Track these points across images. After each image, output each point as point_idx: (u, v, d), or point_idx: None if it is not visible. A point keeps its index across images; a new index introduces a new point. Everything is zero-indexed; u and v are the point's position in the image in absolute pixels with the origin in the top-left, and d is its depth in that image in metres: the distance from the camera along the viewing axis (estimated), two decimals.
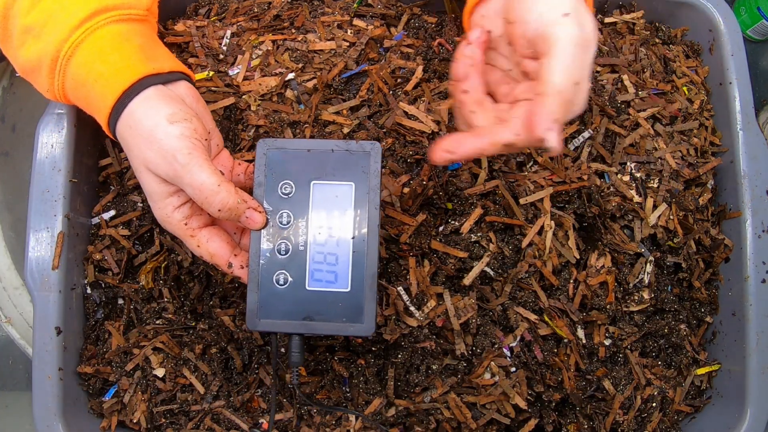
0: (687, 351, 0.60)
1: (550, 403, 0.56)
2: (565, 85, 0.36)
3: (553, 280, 0.56)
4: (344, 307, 0.45)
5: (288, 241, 0.45)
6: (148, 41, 0.48)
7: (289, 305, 0.45)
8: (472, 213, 0.56)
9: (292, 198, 0.46)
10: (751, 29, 0.82)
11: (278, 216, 0.45)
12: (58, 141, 0.55)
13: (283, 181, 0.46)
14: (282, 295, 0.45)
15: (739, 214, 0.60)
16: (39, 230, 0.54)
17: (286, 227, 0.45)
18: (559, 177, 0.58)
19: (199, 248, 0.46)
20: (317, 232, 0.45)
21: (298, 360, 0.46)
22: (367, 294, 0.45)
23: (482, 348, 0.55)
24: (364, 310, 0.45)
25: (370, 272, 0.45)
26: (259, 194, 0.46)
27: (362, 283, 0.45)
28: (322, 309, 0.45)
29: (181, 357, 0.56)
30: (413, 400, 0.54)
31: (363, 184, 0.45)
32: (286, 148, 0.46)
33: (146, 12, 0.49)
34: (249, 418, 0.55)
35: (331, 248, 0.45)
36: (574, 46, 0.36)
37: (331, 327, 0.45)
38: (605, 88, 0.62)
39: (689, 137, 0.63)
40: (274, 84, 0.58)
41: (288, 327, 0.45)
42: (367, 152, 0.46)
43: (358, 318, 0.45)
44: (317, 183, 0.46)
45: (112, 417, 0.55)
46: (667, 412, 0.59)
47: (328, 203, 0.45)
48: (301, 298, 0.45)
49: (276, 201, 0.46)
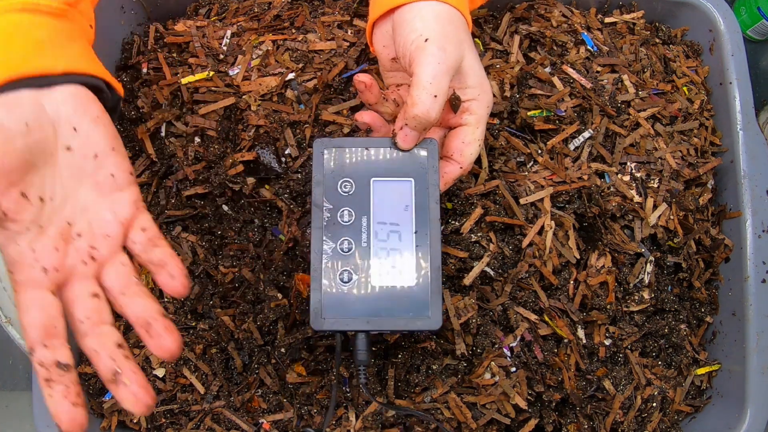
0: (687, 351, 0.60)
1: (550, 403, 0.56)
2: (422, 98, 0.42)
3: (553, 280, 0.56)
4: (410, 301, 0.45)
5: (350, 238, 0.45)
6: (57, 38, 0.39)
7: (354, 303, 0.45)
8: (473, 213, 0.56)
9: (353, 195, 0.46)
10: (751, 29, 0.82)
11: (339, 214, 0.46)
12: None
13: (343, 179, 0.46)
14: (346, 293, 0.45)
15: (739, 214, 0.60)
16: None
17: (348, 225, 0.46)
18: (560, 177, 0.58)
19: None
20: (379, 228, 0.45)
21: (364, 358, 0.46)
22: (432, 287, 0.45)
23: (482, 348, 0.55)
24: (430, 303, 0.44)
25: (435, 265, 0.45)
26: (318, 193, 0.46)
27: (427, 277, 0.45)
28: (387, 305, 0.45)
29: (181, 357, 0.56)
30: (413, 400, 0.54)
31: (422, 179, 0.46)
32: (344, 147, 0.47)
33: (65, 6, 0.40)
34: (249, 418, 0.55)
35: (393, 244, 0.45)
36: (434, 65, 0.42)
37: (398, 323, 0.45)
38: (605, 88, 0.62)
39: (689, 137, 0.63)
40: (274, 84, 0.58)
41: (354, 324, 0.45)
42: (424, 149, 0.46)
43: (425, 312, 0.44)
44: (377, 180, 0.46)
45: (112, 417, 0.55)
46: (667, 412, 0.59)
47: (389, 199, 0.46)
48: (365, 295, 0.45)
49: (336, 199, 0.46)
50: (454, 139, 0.47)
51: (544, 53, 0.63)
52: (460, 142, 0.47)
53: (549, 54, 0.63)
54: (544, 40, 0.63)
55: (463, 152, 0.47)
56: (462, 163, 0.47)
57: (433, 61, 0.42)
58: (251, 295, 0.56)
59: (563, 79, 0.61)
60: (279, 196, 0.57)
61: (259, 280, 0.56)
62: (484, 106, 0.47)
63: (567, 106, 0.60)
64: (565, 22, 0.65)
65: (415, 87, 0.42)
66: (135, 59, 0.61)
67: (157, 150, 0.59)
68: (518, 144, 0.59)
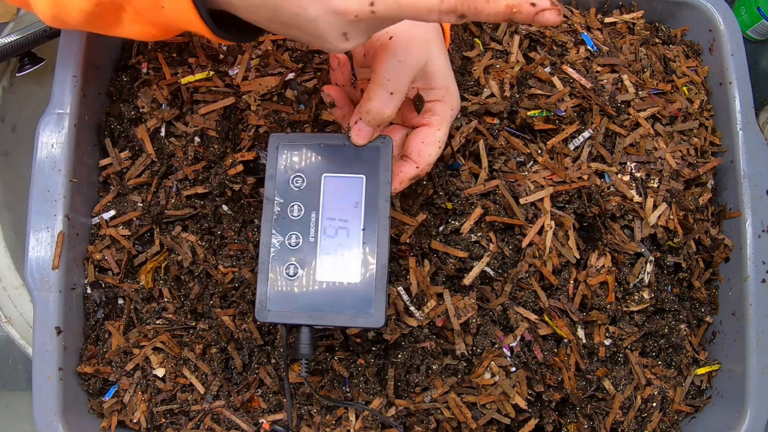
0: (687, 351, 0.60)
1: (550, 403, 0.56)
2: (378, 94, 0.42)
3: (553, 280, 0.56)
4: (354, 299, 0.45)
5: (298, 233, 0.46)
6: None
7: (298, 297, 0.45)
8: (472, 213, 0.56)
9: (304, 190, 0.46)
10: (751, 29, 0.82)
11: (289, 208, 0.46)
12: (58, 141, 0.55)
13: (295, 174, 0.46)
14: (291, 287, 0.45)
15: (739, 214, 0.60)
16: (39, 230, 0.54)
17: (297, 219, 0.46)
18: (559, 177, 0.58)
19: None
20: (328, 224, 0.46)
21: (307, 352, 0.46)
22: (376, 286, 0.45)
23: (482, 348, 0.55)
24: (374, 302, 0.45)
25: (381, 263, 0.45)
26: (270, 187, 0.46)
27: (372, 275, 0.45)
28: (331, 301, 0.45)
29: (181, 357, 0.56)
30: (413, 400, 0.54)
31: (374, 177, 0.46)
32: (298, 143, 0.47)
33: None
34: (249, 418, 0.55)
35: (341, 240, 0.45)
36: (394, 62, 0.42)
37: (341, 319, 0.45)
38: (605, 87, 0.62)
39: (689, 137, 0.63)
40: (274, 84, 0.58)
41: (297, 318, 0.45)
42: (377, 146, 0.46)
43: (368, 310, 0.45)
44: (328, 176, 0.46)
45: (112, 417, 0.55)
46: (667, 412, 0.59)
47: (339, 195, 0.46)
48: (310, 289, 0.45)
49: (287, 194, 0.46)
50: (414, 139, 0.48)
51: (544, 53, 0.63)
52: (420, 142, 0.47)
53: (549, 54, 0.63)
54: (543, 40, 0.63)
55: (422, 152, 0.47)
56: (419, 163, 0.47)
57: (393, 59, 0.42)
58: (251, 295, 0.56)
59: (563, 79, 0.61)
60: None
61: None
62: (448, 108, 0.47)
63: (567, 106, 0.60)
64: (564, 21, 0.65)
65: (372, 83, 0.43)
66: (135, 59, 0.61)
67: (157, 150, 0.59)
68: (518, 144, 0.59)
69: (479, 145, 0.57)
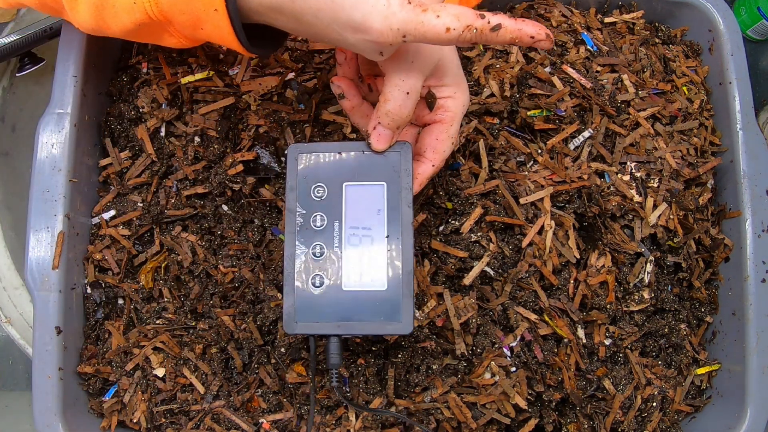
0: (687, 351, 0.60)
1: (550, 402, 0.56)
2: (394, 94, 0.43)
3: (553, 280, 0.56)
4: (381, 306, 0.45)
5: (322, 243, 0.46)
6: None
7: (325, 307, 0.45)
8: (472, 213, 0.56)
9: (325, 200, 0.46)
10: (751, 29, 0.82)
11: (312, 219, 0.46)
12: (58, 141, 0.55)
13: (316, 184, 0.46)
14: (318, 298, 0.45)
15: (739, 214, 0.60)
16: (39, 230, 0.54)
17: (320, 229, 0.46)
18: (559, 177, 0.58)
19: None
20: (351, 233, 0.46)
21: (337, 361, 0.46)
22: (404, 292, 0.45)
23: (482, 348, 0.55)
24: (402, 308, 0.44)
25: (407, 269, 0.45)
26: (291, 198, 0.46)
27: (398, 282, 0.45)
28: (359, 309, 0.45)
29: (181, 357, 0.56)
30: (413, 400, 0.54)
31: (395, 183, 0.46)
32: (317, 152, 0.47)
33: None
34: (249, 418, 0.55)
35: (365, 248, 0.45)
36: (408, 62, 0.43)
37: (369, 327, 0.45)
38: (605, 87, 0.62)
39: (689, 137, 0.63)
40: (274, 84, 0.58)
41: (325, 329, 0.45)
42: (397, 152, 0.46)
43: (396, 316, 0.44)
44: (349, 184, 0.46)
45: (112, 417, 0.55)
46: (667, 411, 0.59)
47: (361, 204, 0.46)
48: (337, 299, 0.45)
49: (309, 204, 0.46)
50: (428, 136, 0.48)
51: (544, 53, 0.63)
52: (434, 139, 0.47)
53: (549, 54, 0.63)
54: None
55: (437, 149, 0.47)
56: (434, 160, 0.47)
57: (406, 59, 0.42)
58: (251, 295, 0.56)
59: (563, 79, 0.61)
60: (279, 196, 0.57)
61: (258, 280, 0.56)
62: (459, 104, 0.47)
63: (567, 105, 0.60)
64: (564, 21, 0.66)
65: (387, 84, 0.43)
66: (135, 59, 0.61)
67: (157, 150, 0.59)
68: (518, 144, 0.59)
69: (479, 144, 0.58)
